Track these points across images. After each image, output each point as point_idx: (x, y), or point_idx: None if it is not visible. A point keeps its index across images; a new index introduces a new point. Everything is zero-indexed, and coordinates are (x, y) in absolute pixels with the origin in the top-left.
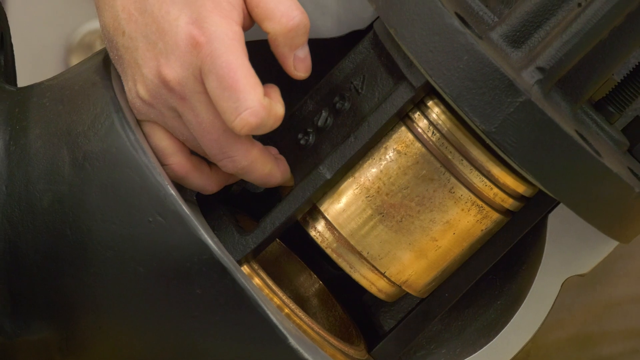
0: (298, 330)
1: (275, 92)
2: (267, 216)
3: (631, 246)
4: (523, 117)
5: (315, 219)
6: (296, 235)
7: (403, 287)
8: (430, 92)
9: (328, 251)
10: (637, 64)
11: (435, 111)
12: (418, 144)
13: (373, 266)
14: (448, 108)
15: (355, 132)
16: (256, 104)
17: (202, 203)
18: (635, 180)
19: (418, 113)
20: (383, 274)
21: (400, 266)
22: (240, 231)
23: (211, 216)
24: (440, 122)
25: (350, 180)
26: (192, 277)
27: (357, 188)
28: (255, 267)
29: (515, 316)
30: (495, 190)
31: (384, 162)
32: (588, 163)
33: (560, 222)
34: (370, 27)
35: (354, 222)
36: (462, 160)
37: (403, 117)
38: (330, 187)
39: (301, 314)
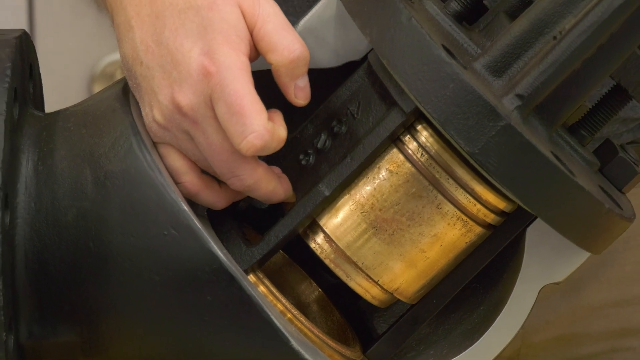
0: (299, 333)
1: (278, 117)
2: (271, 230)
3: (612, 254)
4: (504, 140)
5: (315, 232)
6: (298, 247)
7: (395, 294)
8: (419, 117)
9: (326, 262)
10: (607, 92)
11: (424, 134)
12: (408, 164)
13: (367, 275)
14: (435, 131)
15: (351, 153)
16: (261, 128)
17: (213, 218)
18: (605, 197)
19: (408, 136)
20: (376, 283)
21: (392, 275)
22: (247, 243)
23: (220, 230)
24: (428, 144)
25: (346, 197)
26: (203, 285)
27: (353, 204)
28: (261, 276)
29: (496, 321)
30: (479, 206)
31: (377, 181)
32: (563, 182)
33: (538, 235)
34: (364, 58)
35: (350, 235)
36: (448, 179)
37: (395, 140)
38: (328, 203)
39: (302, 318)
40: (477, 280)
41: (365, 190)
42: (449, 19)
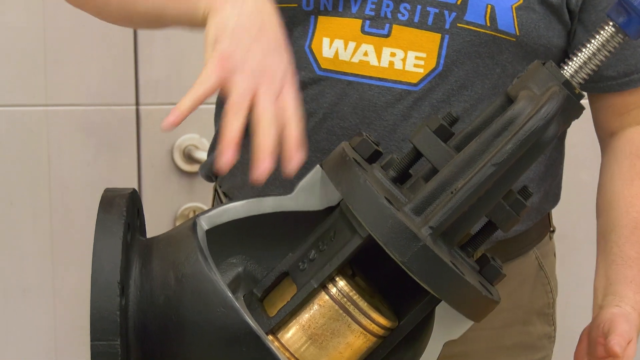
0: None
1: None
2: (281, 308)
3: None
4: (422, 253)
5: (278, 343)
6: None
7: None
8: (339, 272)
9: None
10: (483, 225)
11: (341, 284)
12: (331, 302)
13: None
14: (347, 282)
15: (330, 261)
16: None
17: (248, 302)
18: (483, 288)
19: (331, 284)
20: None
21: None
22: (267, 316)
23: (251, 308)
24: (343, 289)
25: (294, 321)
26: (241, 342)
27: (298, 326)
28: (276, 335)
29: None
30: (374, 326)
31: (312, 311)
32: (457, 279)
33: (443, 310)
34: (338, 204)
35: (297, 344)
36: (355, 309)
37: (324, 287)
38: (315, 294)
39: None
40: (405, 339)
41: (305, 317)
42: (388, 180)
